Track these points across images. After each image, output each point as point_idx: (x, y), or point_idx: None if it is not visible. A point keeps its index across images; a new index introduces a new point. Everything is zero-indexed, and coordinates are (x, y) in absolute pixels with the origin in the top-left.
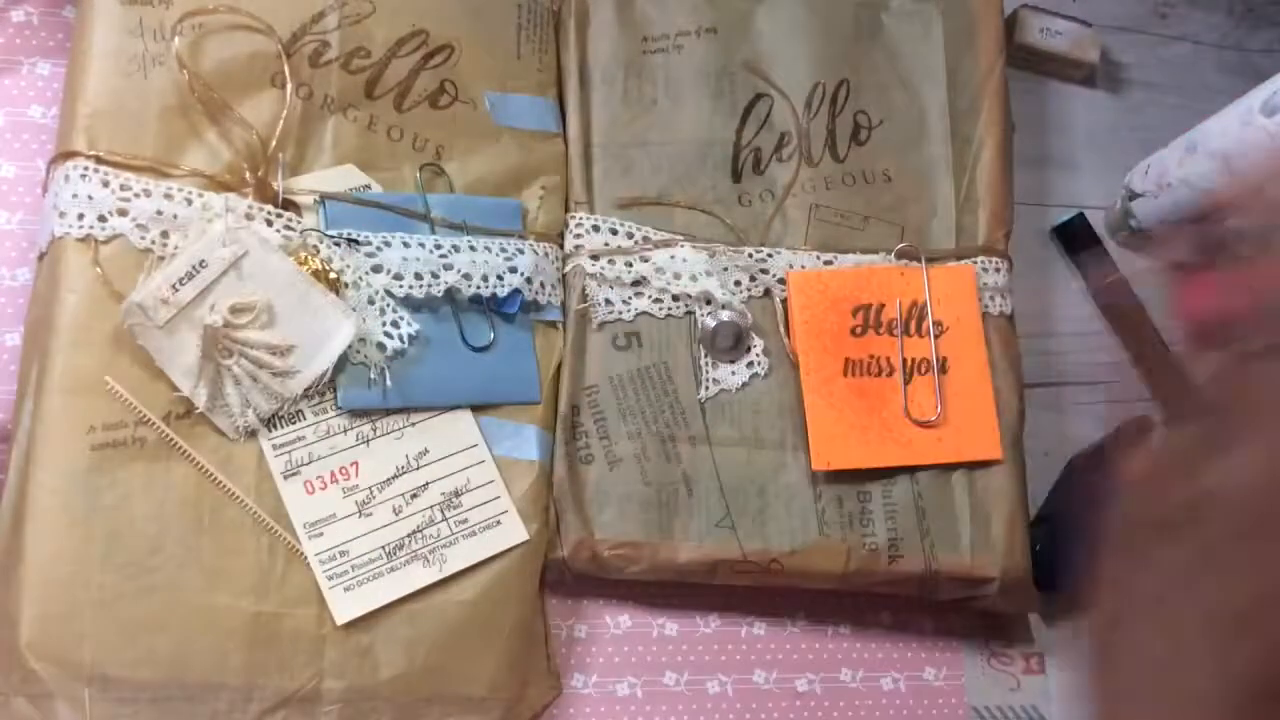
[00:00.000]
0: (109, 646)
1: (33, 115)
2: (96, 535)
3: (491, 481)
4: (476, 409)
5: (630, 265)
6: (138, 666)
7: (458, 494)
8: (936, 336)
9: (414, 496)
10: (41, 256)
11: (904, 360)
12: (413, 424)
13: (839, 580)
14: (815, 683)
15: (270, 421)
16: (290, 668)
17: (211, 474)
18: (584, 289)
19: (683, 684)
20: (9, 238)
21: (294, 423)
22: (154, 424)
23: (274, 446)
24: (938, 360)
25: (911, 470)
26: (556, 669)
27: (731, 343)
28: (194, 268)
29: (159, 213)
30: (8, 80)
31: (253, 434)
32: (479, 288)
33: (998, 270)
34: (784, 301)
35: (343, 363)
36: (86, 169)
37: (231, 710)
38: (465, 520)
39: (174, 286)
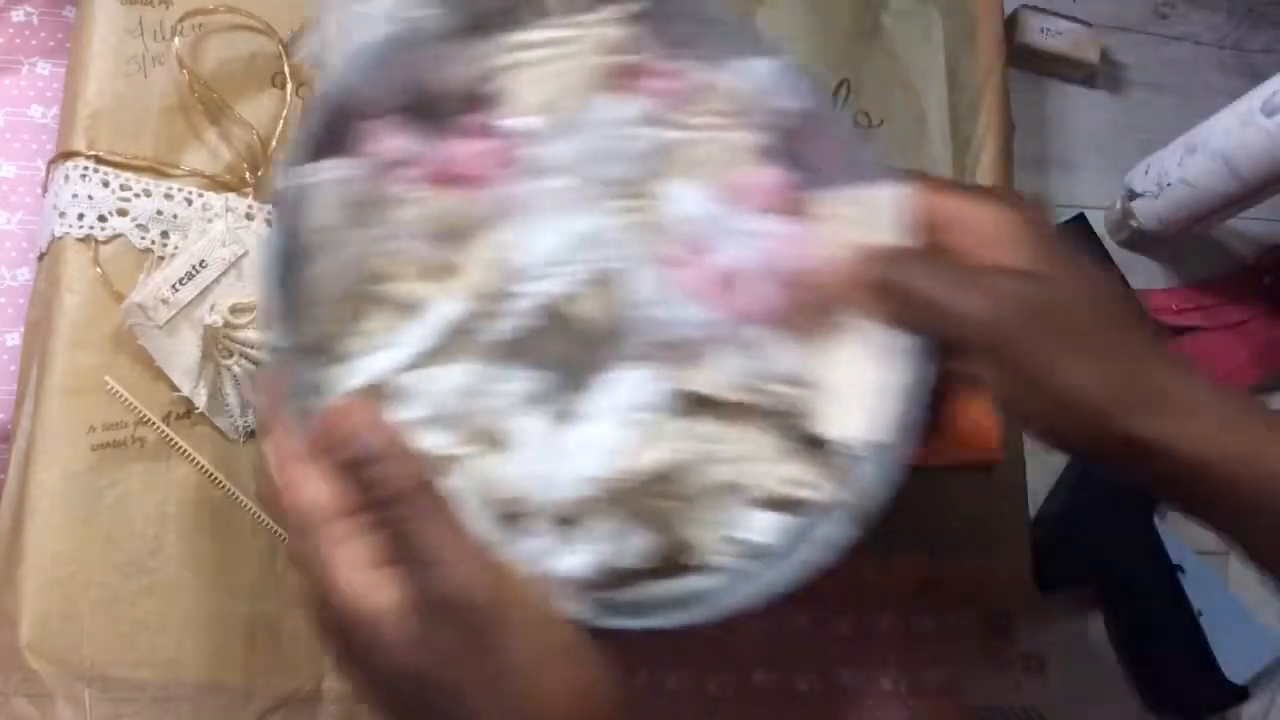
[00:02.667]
0: (109, 646)
1: (33, 115)
2: (97, 535)
3: None
4: None
5: None
6: (138, 666)
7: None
8: None
9: None
10: (41, 256)
11: None
12: None
13: (839, 580)
14: (815, 683)
15: None
16: (290, 668)
17: (211, 474)
18: None
19: (683, 684)
20: (9, 238)
21: None
22: (154, 424)
23: None
24: None
25: (911, 470)
26: None
27: None
28: (194, 268)
29: (159, 213)
30: (8, 80)
31: (252, 434)
32: None
33: None
34: None
35: None
36: (87, 169)
37: (232, 710)
38: None
39: (174, 287)
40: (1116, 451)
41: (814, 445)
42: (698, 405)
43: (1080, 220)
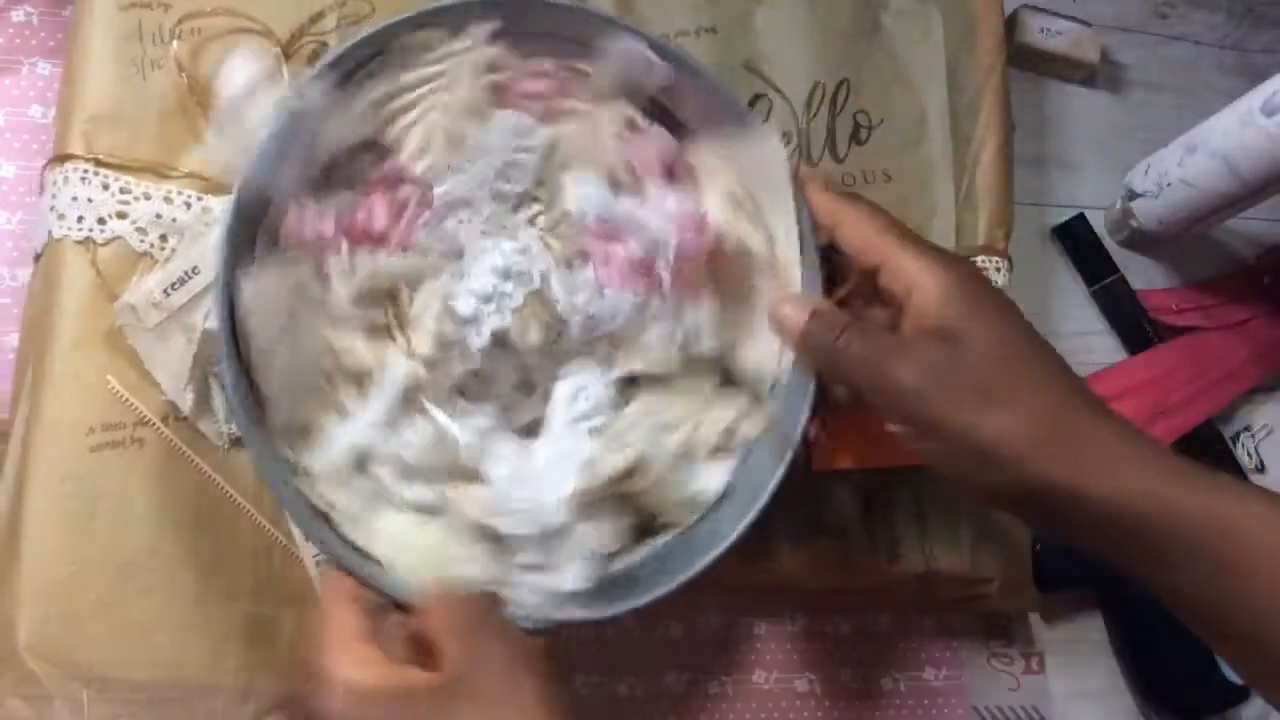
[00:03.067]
0: (107, 647)
1: (33, 115)
2: (95, 537)
3: None
4: None
5: None
6: (136, 667)
7: None
8: None
9: None
10: (37, 257)
11: None
12: None
13: (839, 580)
14: (815, 683)
15: None
16: (288, 668)
17: (210, 475)
18: None
19: (683, 684)
20: (9, 238)
21: None
22: (153, 425)
23: None
24: None
25: (910, 469)
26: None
27: None
28: (186, 273)
29: (159, 216)
30: (8, 80)
31: (236, 442)
32: None
33: (998, 270)
34: None
35: None
36: (86, 171)
37: (229, 710)
38: None
39: (165, 291)
40: (1035, 499)
41: (734, 384)
42: (631, 382)
43: (1080, 220)
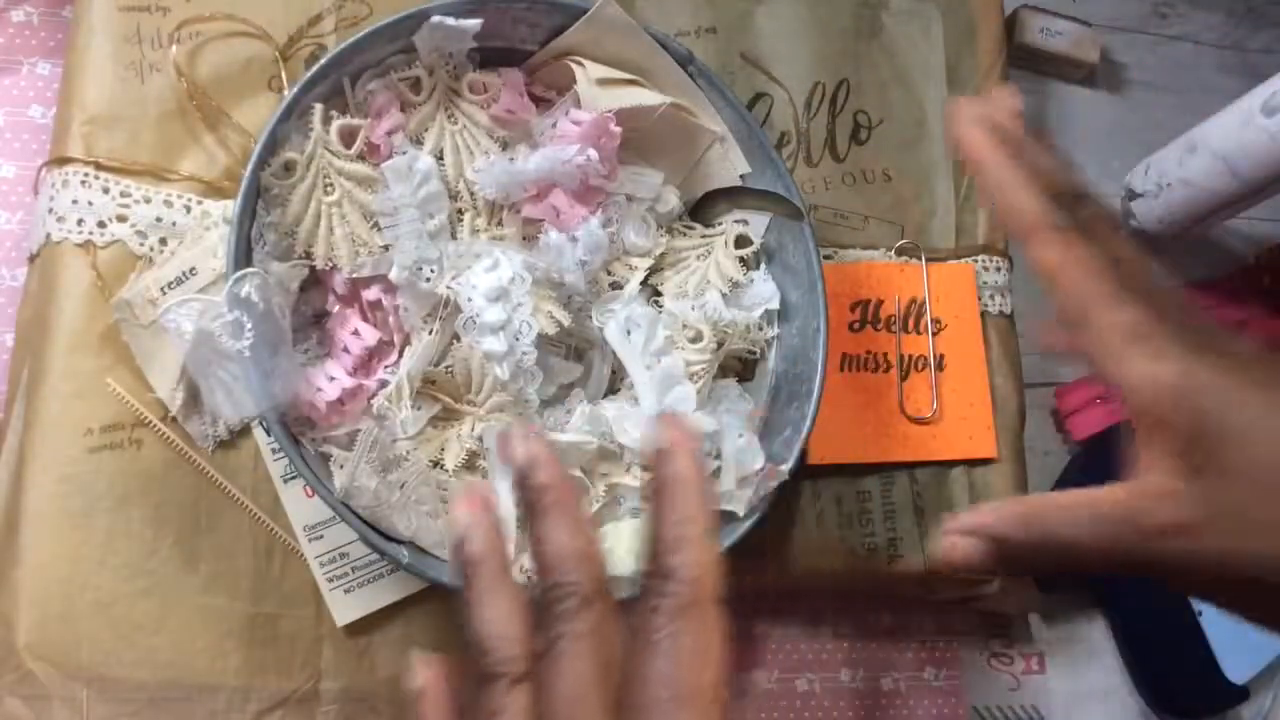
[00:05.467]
0: (107, 647)
1: (33, 115)
2: (95, 537)
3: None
4: None
5: None
6: (136, 667)
7: None
8: (935, 334)
9: None
10: (33, 258)
11: (901, 356)
12: None
13: (839, 580)
14: (815, 682)
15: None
16: (288, 668)
17: (210, 475)
18: None
19: None
20: (9, 238)
21: None
22: (152, 425)
23: (273, 450)
24: (935, 357)
25: (910, 469)
26: None
27: None
28: (184, 274)
29: (158, 219)
30: (8, 80)
31: (222, 444)
32: None
33: (998, 269)
34: None
35: None
36: (87, 175)
37: (229, 710)
38: None
39: (163, 289)
40: None
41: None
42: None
43: None
